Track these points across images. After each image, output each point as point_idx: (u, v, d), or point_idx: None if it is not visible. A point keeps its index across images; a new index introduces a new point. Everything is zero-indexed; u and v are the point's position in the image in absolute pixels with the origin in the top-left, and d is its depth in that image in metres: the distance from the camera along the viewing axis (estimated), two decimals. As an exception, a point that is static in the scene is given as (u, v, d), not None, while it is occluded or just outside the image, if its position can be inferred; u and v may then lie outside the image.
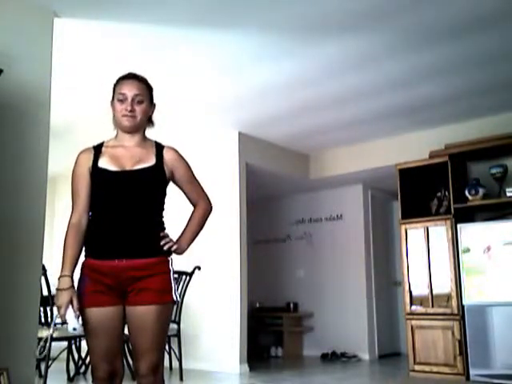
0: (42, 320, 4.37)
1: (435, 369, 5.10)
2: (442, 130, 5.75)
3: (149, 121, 2.20)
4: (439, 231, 5.34)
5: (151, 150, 2.12)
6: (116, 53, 4.06)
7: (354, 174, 6.62)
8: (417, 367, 5.23)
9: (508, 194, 4.99)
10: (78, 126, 5.67)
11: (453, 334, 5.04)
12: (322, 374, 5.82)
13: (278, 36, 3.82)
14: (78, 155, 2.14)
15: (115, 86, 2.16)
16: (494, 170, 5.23)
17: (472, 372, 4.85)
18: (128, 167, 2.04)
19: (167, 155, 2.13)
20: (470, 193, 5.20)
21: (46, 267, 4.12)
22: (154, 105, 2.22)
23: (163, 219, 2.13)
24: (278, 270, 7.81)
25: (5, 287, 2.94)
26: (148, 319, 1.96)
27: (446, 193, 5.36)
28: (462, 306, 5.01)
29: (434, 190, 5.56)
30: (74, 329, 1.93)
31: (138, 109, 2.08)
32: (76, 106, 5.13)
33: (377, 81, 4.61)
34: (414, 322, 5.34)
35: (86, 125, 5.60)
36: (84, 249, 2.06)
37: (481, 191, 5.16)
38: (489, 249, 4.94)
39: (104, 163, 2.06)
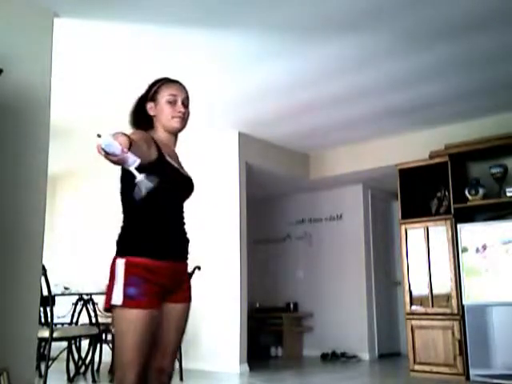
0: (42, 320, 4.37)
1: (435, 369, 5.10)
2: (442, 130, 5.75)
3: None
4: (439, 231, 5.34)
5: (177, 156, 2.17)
6: (116, 53, 4.06)
7: (354, 174, 6.62)
8: (417, 367, 5.23)
9: (508, 194, 4.99)
10: (77, 126, 5.67)
11: (453, 333, 5.04)
12: (322, 373, 5.82)
13: (278, 36, 3.82)
14: (139, 131, 2.01)
15: (158, 87, 2.16)
16: (494, 170, 5.23)
17: (472, 372, 4.85)
18: (181, 170, 2.08)
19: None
20: (470, 193, 5.20)
21: (46, 267, 4.12)
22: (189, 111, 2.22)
23: None
24: (277, 270, 7.80)
25: (5, 287, 2.94)
26: (182, 317, 2.05)
27: (446, 193, 5.36)
28: (462, 306, 5.00)
29: (434, 190, 5.56)
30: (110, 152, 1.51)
31: (186, 111, 2.12)
32: (76, 106, 5.13)
33: (377, 81, 4.61)
34: (413, 322, 5.34)
35: (86, 125, 5.60)
36: (133, 247, 1.92)
37: (481, 191, 5.16)
38: (484, 248, 4.94)
39: (167, 156, 2.00)
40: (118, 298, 1.86)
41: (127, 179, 1.84)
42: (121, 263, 1.88)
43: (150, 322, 1.87)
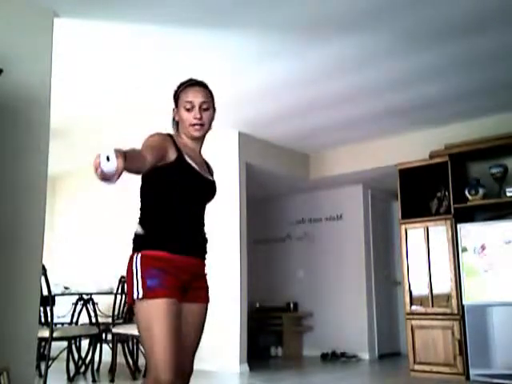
0: (42, 320, 4.37)
1: (435, 368, 5.10)
2: (442, 130, 5.75)
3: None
4: (439, 231, 5.34)
5: (204, 161, 2.21)
6: (116, 53, 4.06)
7: (354, 174, 6.62)
8: (417, 367, 5.23)
9: (508, 194, 4.99)
10: (77, 126, 5.67)
11: (453, 333, 5.04)
12: (322, 373, 5.82)
13: (278, 36, 3.82)
14: (158, 133, 2.01)
15: (179, 92, 2.15)
16: (493, 170, 5.23)
17: (472, 372, 4.85)
18: (202, 173, 2.10)
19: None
20: (469, 193, 5.20)
21: (46, 267, 4.12)
22: (215, 109, 2.21)
23: None
24: (277, 270, 7.81)
25: (5, 287, 2.94)
26: (202, 317, 2.07)
27: (446, 193, 5.36)
28: (462, 306, 5.00)
29: (434, 190, 5.56)
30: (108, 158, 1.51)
31: (205, 116, 2.11)
32: (76, 106, 5.13)
33: (377, 81, 4.61)
34: (413, 322, 5.34)
35: (86, 125, 5.60)
36: (151, 242, 1.94)
37: (481, 191, 5.16)
38: (483, 248, 4.94)
39: (188, 158, 2.04)
40: (138, 291, 1.87)
41: (150, 178, 1.97)
42: (138, 257, 1.91)
43: (174, 311, 1.86)
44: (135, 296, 1.87)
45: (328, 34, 3.79)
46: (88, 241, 7.08)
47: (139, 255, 1.92)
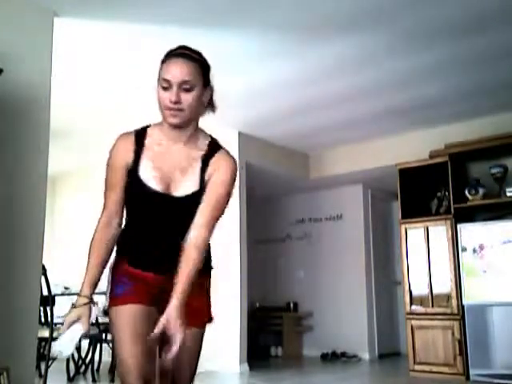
0: (42, 320, 4.37)
1: (435, 369, 5.10)
2: (442, 130, 5.75)
3: (209, 105, 1.80)
4: (439, 231, 5.34)
5: (199, 154, 1.73)
6: (116, 53, 4.06)
7: (354, 174, 6.62)
8: (417, 367, 5.23)
9: (508, 194, 4.99)
10: (77, 126, 5.67)
11: (453, 333, 5.04)
12: (322, 373, 5.82)
13: (279, 36, 3.82)
14: (117, 141, 1.75)
15: (161, 64, 1.77)
16: (494, 170, 5.23)
17: (472, 372, 4.85)
18: (173, 188, 1.68)
19: (213, 166, 1.72)
20: (470, 193, 5.20)
21: (46, 267, 4.11)
22: (211, 87, 1.79)
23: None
24: (277, 270, 7.80)
25: (5, 287, 2.94)
26: (189, 341, 1.78)
27: (446, 193, 5.36)
28: (462, 306, 5.00)
29: (434, 190, 5.56)
30: (60, 352, 1.64)
31: (186, 99, 1.65)
32: (76, 106, 5.13)
33: (377, 80, 4.61)
34: (413, 322, 5.34)
35: (86, 125, 5.60)
36: (121, 249, 1.80)
37: (481, 191, 5.16)
38: (481, 248, 4.94)
39: (147, 171, 1.68)
40: (107, 297, 1.76)
41: (128, 189, 1.76)
42: (112, 263, 1.79)
43: (140, 318, 1.66)
44: (106, 303, 1.76)
45: (328, 33, 3.79)
46: (88, 241, 7.06)
47: (113, 260, 1.78)
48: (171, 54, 1.77)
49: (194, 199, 1.69)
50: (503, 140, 5.08)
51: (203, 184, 1.70)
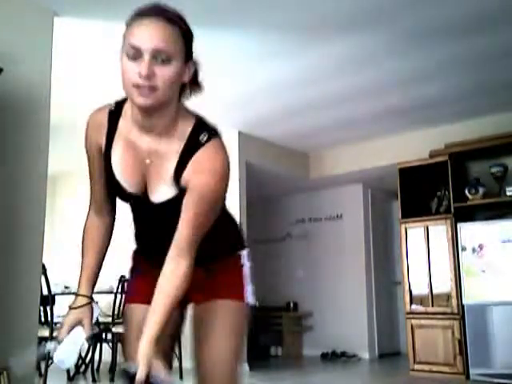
0: (42, 320, 4.37)
1: (435, 368, 5.10)
2: (442, 130, 5.75)
3: (193, 84, 1.41)
4: (439, 230, 5.34)
5: (176, 150, 1.33)
6: (116, 52, 4.06)
7: (354, 174, 6.62)
8: (417, 366, 5.23)
9: (508, 194, 5.00)
10: (77, 126, 5.66)
11: (453, 333, 5.04)
12: (322, 373, 5.83)
13: (278, 36, 3.82)
14: (89, 119, 1.44)
15: (127, 26, 1.36)
16: (494, 169, 5.23)
17: (472, 371, 4.85)
18: (149, 191, 1.37)
19: (194, 166, 1.32)
20: (470, 192, 5.20)
21: (46, 266, 4.12)
22: (195, 62, 1.38)
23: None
24: (277, 270, 7.80)
25: (5, 287, 2.94)
26: (208, 319, 1.67)
27: (446, 192, 5.36)
28: (462, 306, 5.00)
29: (434, 189, 5.56)
30: (62, 362, 1.40)
31: (162, 74, 1.22)
32: (76, 106, 5.13)
33: (377, 80, 4.62)
34: (413, 322, 5.34)
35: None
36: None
37: (481, 190, 5.16)
38: (481, 248, 4.94)
39: (117, 169, 1.38)
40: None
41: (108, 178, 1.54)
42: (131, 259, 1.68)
43: (135, 316, 1.53)
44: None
45: (328, 33, 3.79)
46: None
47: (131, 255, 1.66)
48: (141, 14, 1.33)
49: (175, 205, 1.32)
50: (503, 139, 5.08)
51: (181, 188, 1.32)
